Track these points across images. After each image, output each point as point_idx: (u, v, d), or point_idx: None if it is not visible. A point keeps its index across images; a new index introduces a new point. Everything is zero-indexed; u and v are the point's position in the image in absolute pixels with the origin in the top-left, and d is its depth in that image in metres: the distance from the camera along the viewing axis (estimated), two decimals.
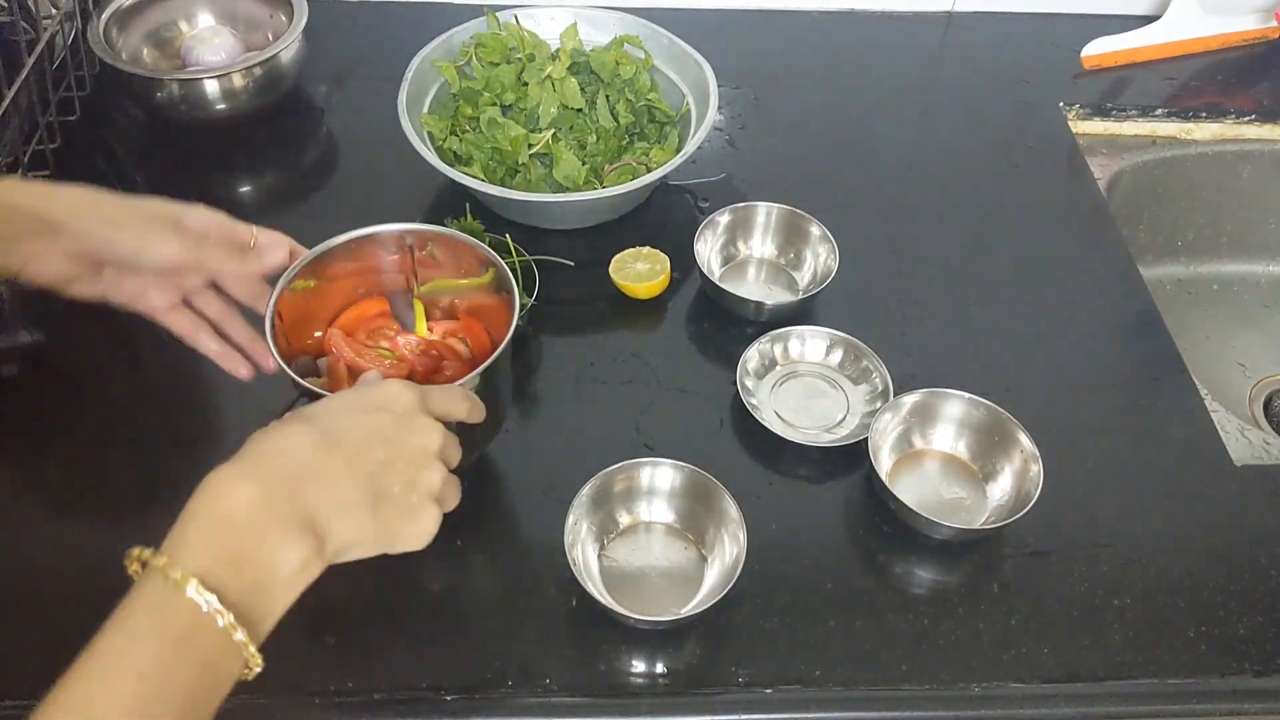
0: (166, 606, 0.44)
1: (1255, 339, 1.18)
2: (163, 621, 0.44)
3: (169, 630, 0.44)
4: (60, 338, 0.83)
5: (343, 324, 0.73)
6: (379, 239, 0.72)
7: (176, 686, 0.44)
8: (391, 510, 0.52)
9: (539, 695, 0.64)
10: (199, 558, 0.46)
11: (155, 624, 0.44)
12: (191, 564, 0.45)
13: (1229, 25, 1.20)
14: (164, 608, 0.44)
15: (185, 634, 0.44)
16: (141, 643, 0.44)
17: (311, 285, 0.69)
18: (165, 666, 0.43)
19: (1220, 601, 0.71)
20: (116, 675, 0.43)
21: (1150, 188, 1.15)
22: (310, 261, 0.68)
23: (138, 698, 0.42)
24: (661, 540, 0.72)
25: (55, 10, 0.98)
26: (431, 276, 0.74)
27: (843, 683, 0.66)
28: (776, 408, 0.81)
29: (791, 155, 1.05)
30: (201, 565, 0.45)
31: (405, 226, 0.72)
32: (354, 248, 0.71)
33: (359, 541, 0.52)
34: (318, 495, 0.49)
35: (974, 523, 0.74)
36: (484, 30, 1.01)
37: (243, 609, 0.46)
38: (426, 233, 0.72)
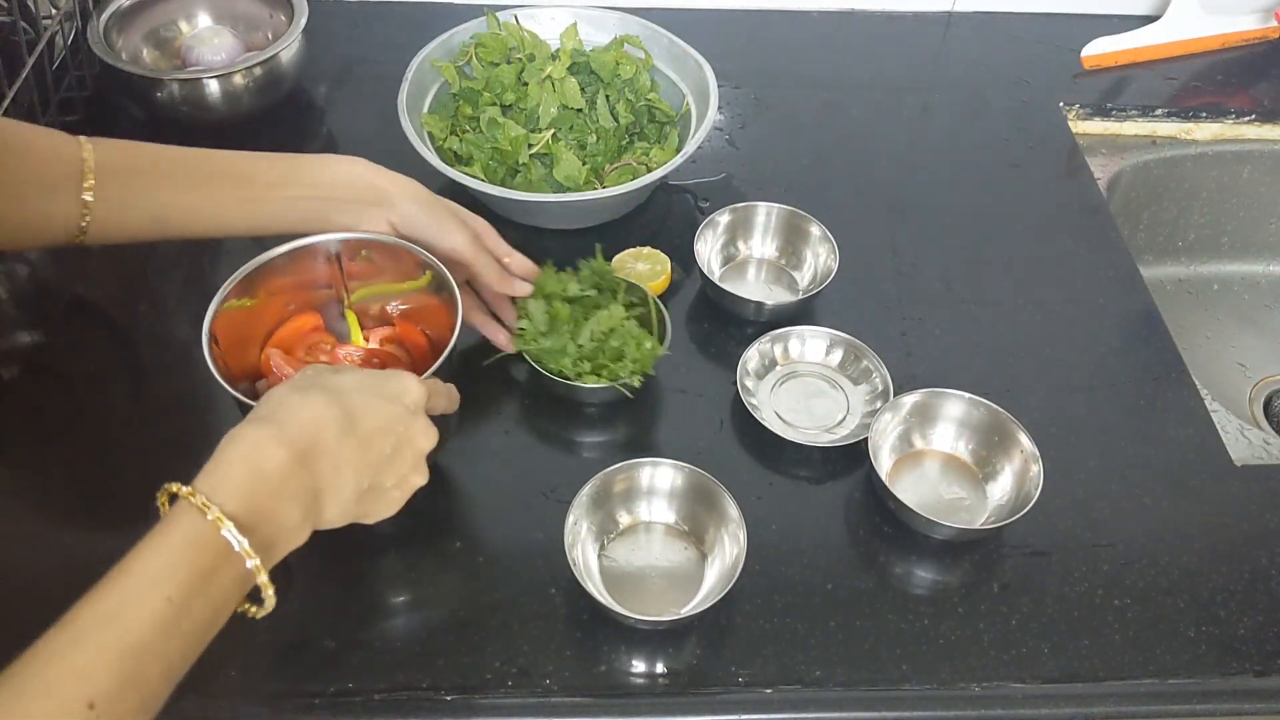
0: (200, 540, 0.48)
1: (1255, 339, 1.18)
2: (195, 553, 0.48)
3: (199, 562, 0.48)
4: (60, 340, 0.83)
5: (278, 342, 0.73)
6: (307, 251, 0.72)
7: (196, 615, 0.47)
8: (377, 500, 0.58)
9: (539, 695, 0.64)
10: (232, 503, 0.49)
11: (188, 554, 0.48)
12: (226, 506, 0.49)
13: (1229, 25, 1.20)
14: (198, 541, 0.48)
15: (212, 568, 0.48)
16: (173, 569, 0.47)
17: (248, 304, 0.70)
18: (190, 595, 0.47)
19: (1220, 601, 0.71)
20: (149, 594, 0.46)
21: (1150, 188, 1.15)
22: (241, 280, 0.69)
23: (163, 619, 0.46)
24: (661, 540, 0.72)
25: (55, 10, 0.98)
26: (365, 283, 0.75)
27: (843, 683, 0.66)
28: (776, 408, 0.81)
29: (791, 155, 1.05)
30: (233, 510, 0.49)
31: (333, 236, 0.72)
32: (282, 263, 0.71)
33: (336, 520, 0.56)
34: (327, 476, 0.54)
35: (974, 523, 0.74)
36: (484, 30, 1.01)
37: (263, 552, 0.50)
38: (357, 241, 0.73)
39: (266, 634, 0.66)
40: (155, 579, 0.47)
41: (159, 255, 0.90)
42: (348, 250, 0.73)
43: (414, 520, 0.73)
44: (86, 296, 0.88)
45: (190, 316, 0.83)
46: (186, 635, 0.47)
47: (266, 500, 0.51)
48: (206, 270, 0.89)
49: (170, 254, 0.91)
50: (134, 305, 0.87)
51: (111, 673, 0.44)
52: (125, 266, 0.89)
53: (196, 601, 0.47)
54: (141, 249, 0.91)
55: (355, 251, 0.73)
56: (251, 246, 0.72)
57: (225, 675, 0.64)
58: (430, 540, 0.72)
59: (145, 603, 0.46)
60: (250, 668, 0.64)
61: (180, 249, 0.91)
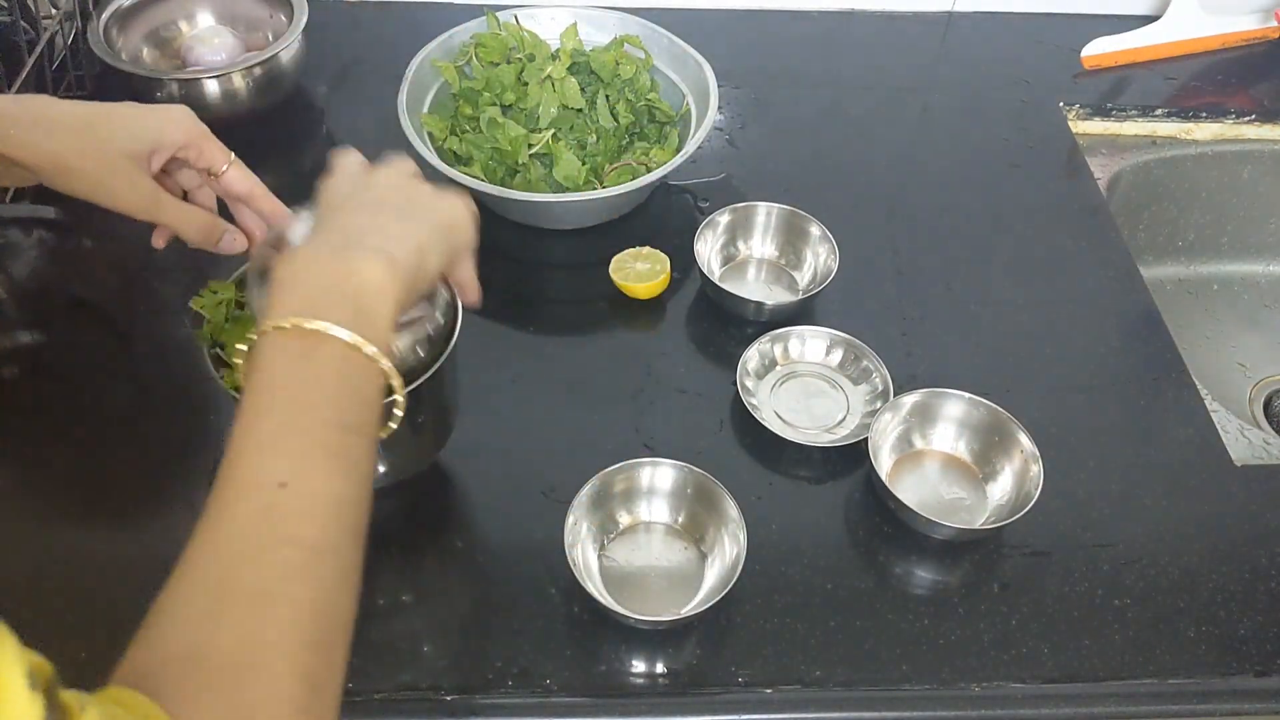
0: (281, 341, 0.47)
1: (1255, 339, 1.17)
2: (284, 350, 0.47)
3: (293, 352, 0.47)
4: (60, 339, 0.83)
5: None
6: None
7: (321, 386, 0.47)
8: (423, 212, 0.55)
9: (539, 695, 0.64)
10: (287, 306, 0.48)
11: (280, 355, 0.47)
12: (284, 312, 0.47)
13: (1229, 25, 1.20)
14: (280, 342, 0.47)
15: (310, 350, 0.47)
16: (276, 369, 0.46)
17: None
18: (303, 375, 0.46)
19: (1220, 601, 0.71)
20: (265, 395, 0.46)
21: (1150, 188, 1.15)
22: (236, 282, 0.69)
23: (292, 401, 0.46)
24: (661, 540, 0.72)
25: (55, 10, 0.98)
26: None
27: (843, 683, 0.66)
28: (776, 408, 0.81)
29: (791, 155, 1.05)
30: (293, 308, 0.48)
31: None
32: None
33: (422, 245, 0.53)
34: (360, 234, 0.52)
35: (974, 523, 0.74)
36: (484, 30, 1.01)
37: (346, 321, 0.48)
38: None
39: None
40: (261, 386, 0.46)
41: (159, 255, 0.90)
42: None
43: (414, 520, 0.73)
44: (86, 296, 0.88)
45: (190, 317, 0.83)
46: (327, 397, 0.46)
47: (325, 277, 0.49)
48: (206, 270, 0.89)
49: (170, 254, 0.91)
50: (134, 305, 0.87)
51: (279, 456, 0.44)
52: (125, 266, 0.89)
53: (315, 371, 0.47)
54: (141, 249, 0.91)
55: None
56: None
57: None
58: (430, 540, 0.72)
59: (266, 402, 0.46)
60: None
61: (180, 250, 0.91)
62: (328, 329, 0.47)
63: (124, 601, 0.67)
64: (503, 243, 0.92)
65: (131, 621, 0.41)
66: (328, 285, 0.49)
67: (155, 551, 0.70)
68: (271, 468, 0.44)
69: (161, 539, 0.71)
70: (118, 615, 0.66)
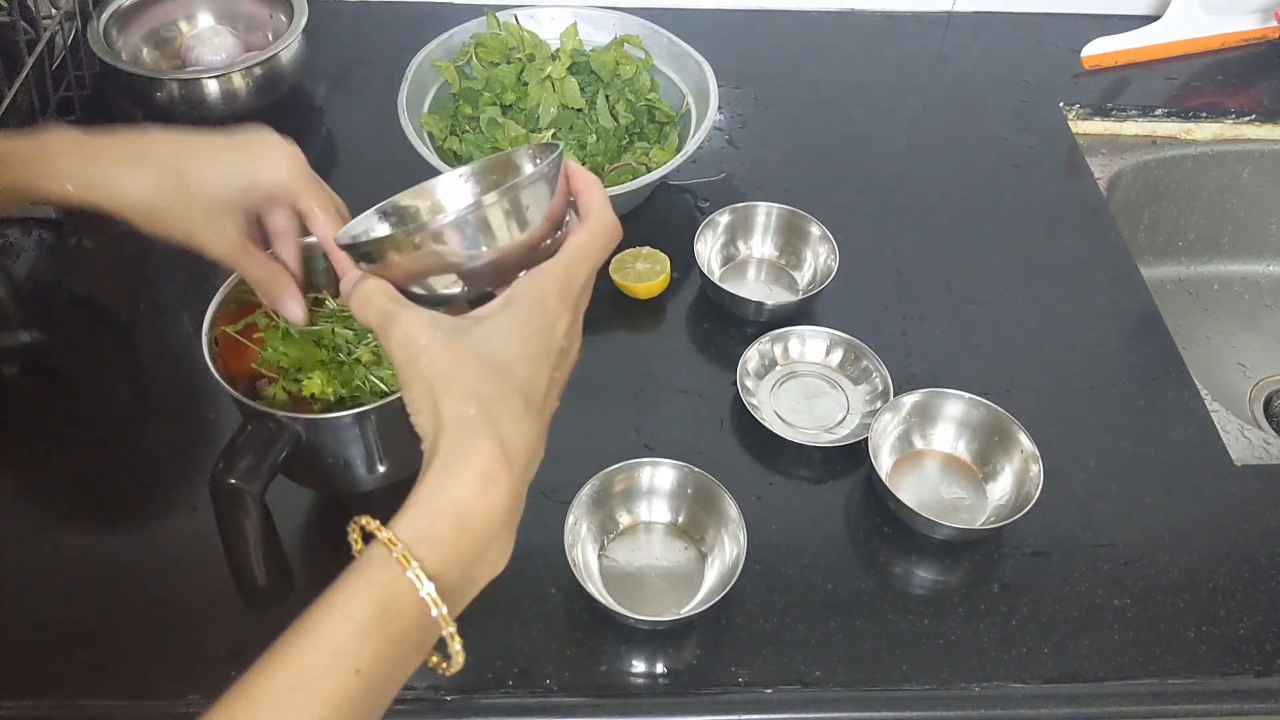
0: (396, 604, 0.42)
1: (1255, 339, 1.18)
2: (390, 618, 0.41)
3: (393, 628, 0.41)
4: (60, 339, 0.83)
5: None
6: (307, 251, 0.71)
7: (383, 683, 0.42)
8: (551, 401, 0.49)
9: (539, 695, 0.64)
10: (436, 556, 0.42)
11: (383, 619, 0.41)
12: (428, 562, 0.42)
13: (1229, 25, 1.20)
14: (394, 605, 0.42)
15: (405, 634, 0.42)
16: (364, 636, 0.41)
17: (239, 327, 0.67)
18: (382, 664, 0.41)
19: (1220, 601, 0.71)
20: (336, 666, 0.41)
21: (1150, 188, 1.15)
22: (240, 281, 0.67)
23: (350, 693, 0.40)
24: (661, 540, 0.72)
25: (55, 10, 0.98)
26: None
27: (843, 683, 0.66)
28: (776, 408, 0.81)
29: (791, 155, 1.05)
30: (436, 567, 0.42)
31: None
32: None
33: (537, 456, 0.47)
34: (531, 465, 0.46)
35: (974, 523, 0.74)
36: (484, 30, 1.01)
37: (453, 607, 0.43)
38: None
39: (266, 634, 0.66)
40: (343, 650, 0.41)
41: (159, 255, 0.90)
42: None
43: None
44: (86, 296, 0.88)
45: (190, 317, 0.83)
46: (373, 703, 0.42)
47: (477, 546, 0.43)
48: (206, 270, 0.89)
49: (170, 254, 0.91)
50: (134, 305, 0.87)
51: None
52: (125, 266, 0.89)
53: (390, 670, 0.42)
54: (141, 248, 0.91)
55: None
56: None
57: (226, 675, 0.64)
58: None
59: (332, 675, 0.40)
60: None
61: (180, 250, 0.91)
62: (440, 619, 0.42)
63: (123, 602, 0.67)
64: None
65: (131, 622, 0.41)
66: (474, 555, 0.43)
67: (154, 551, 0.70)
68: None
69: (161, 539, 0.71)
70: (117, 616, 0.67)
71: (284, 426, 0.59)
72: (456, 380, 0.44)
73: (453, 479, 0.43)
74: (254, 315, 0.70)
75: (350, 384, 0.65)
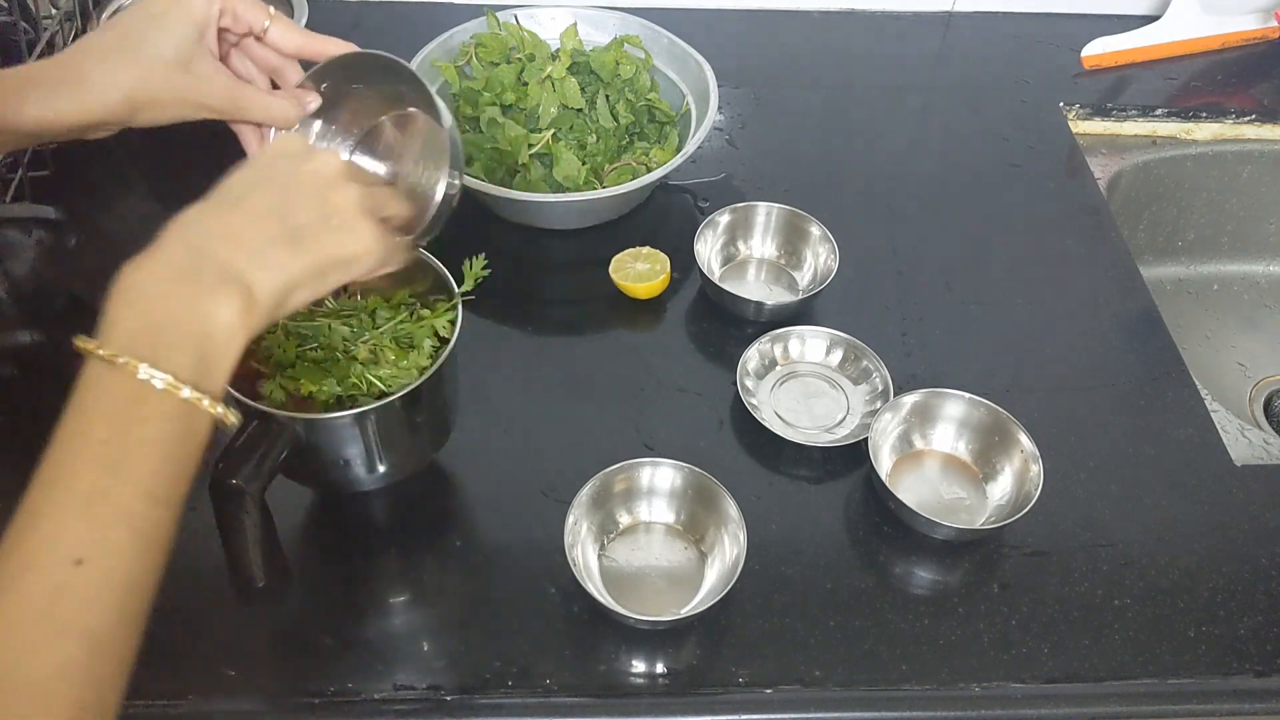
0: (107, 382, 0.44)
1: (1255, 339, 1.17)
2: (108, 394, 0.44)
3: (116, 401, 0.44)
4: (59, 340, 0.83)
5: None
6: None
7: (140, 445, 0.44)
8: (315, 240, 0.51)
9: (539, 695, 0.64)
10: (125, 336, 0.45)
11: (102, 399, 0.44)
12: (119, 341, 0.45)
13: (1229, 25, 1.20)
14: (105, 384, 0.44)
15: (133, 402, 0.44)
16: (94, 416, 0.44)
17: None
18: (123, 429, 0.44)
19: (1220, 601, 0.71)
20: (79, 444, 0.43)
21: (1150, 188, 1.15)
22: None
23: (105, 461, 0.43)
24: (661, 540, 0.72)
25: (55, 10, 0.98)
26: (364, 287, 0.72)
27: (843, 683, 0.66)
28: (776, 408, 0.81)
29: (791, 155, 1.05)
30: (128, 338, 0.45)
31: None
32: None
33: (293, 281, 0.50)
34: (226, 251, 0.48)
35: (974, 523, 0.74)
36: (484, 30, 1.01)
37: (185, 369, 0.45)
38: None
39: (265, 634, 0.66)
40: (78, 431, 0.44)
41: None
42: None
43: (414, 520, 0.73)
44: (86, 297, 0.88)
45: None
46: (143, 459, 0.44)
47: (162, 313, 0.46)
48: None
49: None
50: None
51: (80, 524, 0.42)
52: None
53: (135, 429, 0.44)
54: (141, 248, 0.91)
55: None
56: None
57: (225, 675, 0.64)
58: (430, 540, 0.72)
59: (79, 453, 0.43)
60: (250, 667, 0.64)
61: None
62: (163, 382, 0.44)
63: None
64: (503, 243, 0.92)
65: None
66: (173, 318, 0.46)
67: None
68: (70, 539, 0.41)
69: None
70: None
71: (284, 426, 0.59)
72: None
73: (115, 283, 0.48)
74: None
75: (346, 382, 0.65)
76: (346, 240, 0.52)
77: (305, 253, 0.50)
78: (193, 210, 0.50)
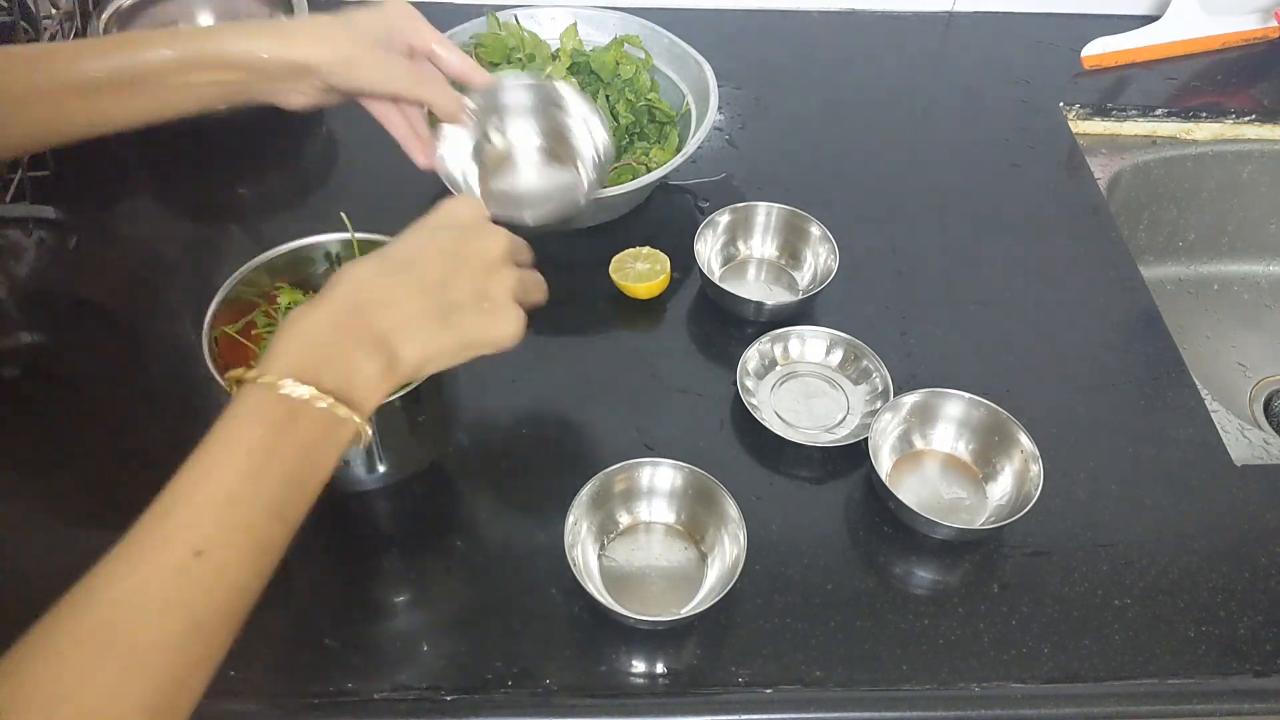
0: (265, 403, 0.49)
1: (1255, 339, 1.18)
2: (263, 413, 0.49)
3: (270, 418, 0.49)
4: (60, 340, 0.84)
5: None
6: (307, 251, 0.71)
7: (280, 463, 0.48)
8: (467, 319, 0.55)
9: (539, 695, 0.64)
10: (286, 366, 0.50)
11: (256, 413, 0.49)
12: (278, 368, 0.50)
13: (1229, 25, 1.20)
14: (263, 404, 0.49)
15: (286, 420, 0.49)
16: (245, 429, 0.48)
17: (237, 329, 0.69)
18: (269, 446, 0.48)
19: (1220, 601, 0.71)
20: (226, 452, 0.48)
21: (1150, 188, 1.15)
22: (240, 280, 0.68)
23: (245, 468, 0.47)
24: (661, 540, 0.72)
25: (55, 10, 0.98)
26: None
27: (843, 683, 0.66)
28: (776, 408, 0.81)
29: (791, 155, 1.05)
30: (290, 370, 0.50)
31: (333, 237, 0.72)
32: (283, 263, 0.71)
33: (435, 354, 0.55)
34: (383, 318, 0.53)
35: (974, 523, 0.74)
36: (484, 30, 1.01)
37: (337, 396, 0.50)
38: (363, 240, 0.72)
39: (267, 634, 0.66)
40: (229, 439, 0.48)
41: (159, 255, 0.90)
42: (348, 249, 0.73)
43: (414, 520, 0.73)
44: (87, 297, 0.88)
45: (191, 317, 0.83)
46: (279, 476, 0.48)
47: (324, 353, 0.51)
48: (206, 270, 0.89)
49: (170, 254, 0.91)
50: (134, 305, 0.87)
51: (210, 522, 0.46)
52: (126, 267, 0.89)
53: (282, 449, 0.49)
54: (141, 249, 0.91)
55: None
56: (253, 246, 0.72)
57: (225, 675, 0.63)
58: (430, 540, 0.72)
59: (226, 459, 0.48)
60: (250, 668, 0.64)
61: (180, 250, 0.91)
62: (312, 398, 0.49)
63: None
64: None
65: None
66: (326, 360, 0.51)
67: None
68: (198, 532, 0.45)
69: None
70: None
71: None
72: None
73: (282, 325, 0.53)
74: (254, 315, 0.70)
75: None
76: (492, 325, 0.57)
77: (453, 330, 0.55)
78: (363, 264, 0.55)
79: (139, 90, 0.66)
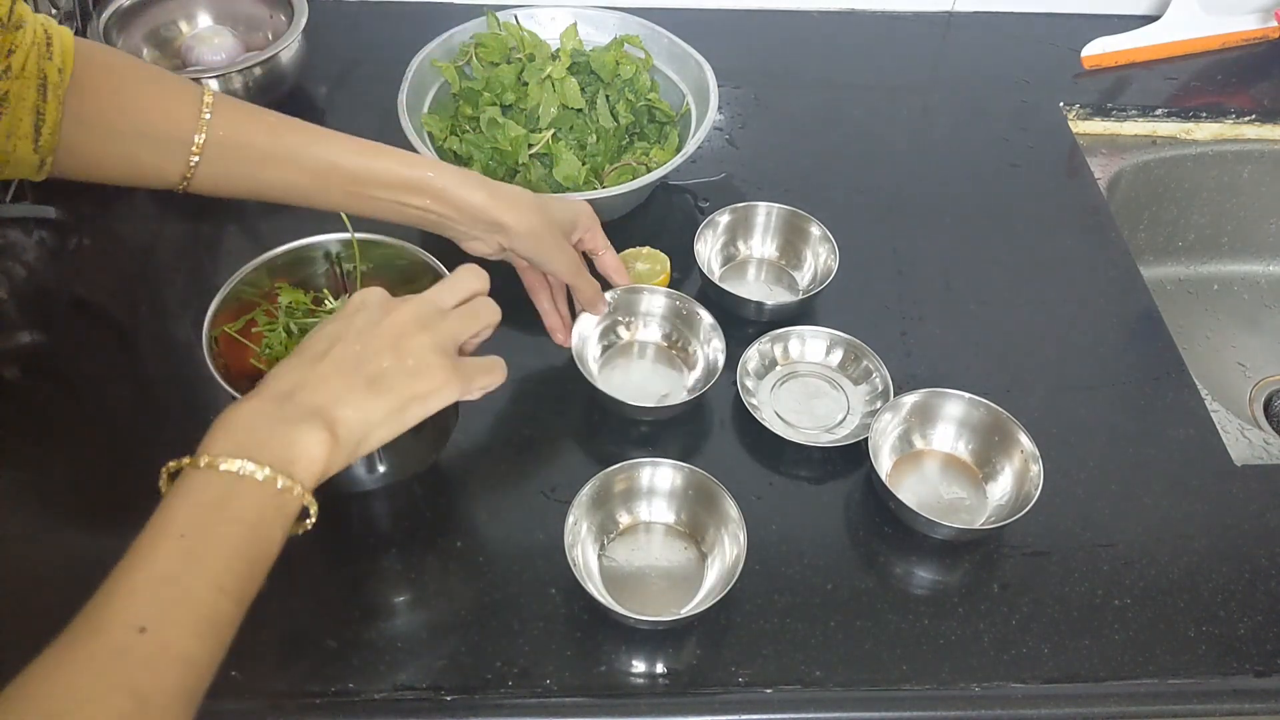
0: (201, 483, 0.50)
1: (1255, 339, 1.18)
2: (197, 494, 0.50)
3: (207, 498, 0.50)
4: (61, 340, 0.83)
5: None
6: (307, 251, 0.71)
7: (222, 541, 0.49)
8: (394, 380, 0.57)
9: (539, 695, 0.64)
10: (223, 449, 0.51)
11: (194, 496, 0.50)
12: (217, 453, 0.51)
13: (1229, 25, 1.20)
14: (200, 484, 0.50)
15: (225, 497, 0.50)
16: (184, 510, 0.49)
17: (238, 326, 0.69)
18: (205, 526, 0.49)
19: (1220, 601, 0.71)
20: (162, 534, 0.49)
21: (1150, 188, 1.15)
22: (241, 280, 0.69)
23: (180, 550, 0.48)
24: (661, 540, 0.72)
25: (55, 10, 0.98)
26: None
27: (843, 683, 0.66)
28: (777, 408, 0.81)
29: (791, 155, 1.05)
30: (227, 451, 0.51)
31: (333, 236, 0.72)
32: (282, 263, 0.71)
33: (374, 420, 0.56)
34: (314, 396, 0.54)
35: (974, 523, 0.74)
36: (484, 30, 1.01)
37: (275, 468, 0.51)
38: (363, 241, 0.72)
39: (267, 634, 0.66)
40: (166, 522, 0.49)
41: (159, 255, 0.90)
42: (347, 250, 0.73)
43: (414, 520, 0.73)
44: (87, 297, 0.88)
45: (191, 317, 0.83)
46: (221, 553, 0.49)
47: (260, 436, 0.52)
48: (206, 270, 0.89)
49: (170, 254, 0.91)
50: (134, 305, 0.87)
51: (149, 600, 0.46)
52: (126, 267, 0.89)
53: (220, 529, 0.49)
54: (141, 249, 0.91)
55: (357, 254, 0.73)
56: (253, 246, 0.72)
57: (225, 675, 0.64)
58: (430, 540, 0.72)
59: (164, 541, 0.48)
60: (251, 668, 0.64)
61: (180, 249, 0.91)
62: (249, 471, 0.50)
63: None
64: None
65: None
66: (263, 442, 0.52)
67: None
68: (137, 610, 0.46)
69: None
70: None
71: None
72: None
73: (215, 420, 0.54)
74: (254, 314, 0.70)
75: None
76: (420, 380, 0.57)
77: (384, 394, 0.56)
78: (284, 364, 0.57)
79: (360, 192, 0.69)
